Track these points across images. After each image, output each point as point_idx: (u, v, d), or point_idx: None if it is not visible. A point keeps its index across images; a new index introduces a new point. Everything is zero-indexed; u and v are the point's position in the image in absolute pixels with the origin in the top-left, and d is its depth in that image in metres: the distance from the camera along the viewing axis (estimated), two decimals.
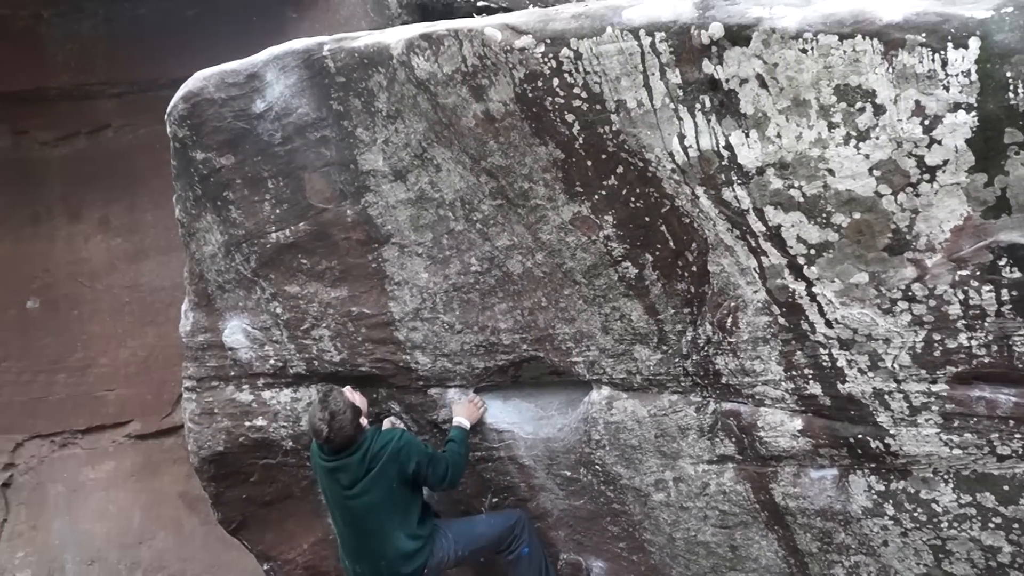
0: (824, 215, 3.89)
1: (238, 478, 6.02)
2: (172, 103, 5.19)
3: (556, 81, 4.18)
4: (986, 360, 3.90)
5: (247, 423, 5.81)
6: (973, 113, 3.48)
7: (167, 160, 5.35)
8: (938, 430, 4.13)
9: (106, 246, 8.58)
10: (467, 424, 5.30)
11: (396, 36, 4.67)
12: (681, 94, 3.98)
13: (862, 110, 3.65)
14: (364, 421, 5.18)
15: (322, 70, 4.84)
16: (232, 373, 5.77)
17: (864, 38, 3.56)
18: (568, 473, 5.25)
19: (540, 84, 4.22)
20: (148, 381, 8.49)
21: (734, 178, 4.00)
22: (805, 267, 4.04)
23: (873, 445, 4.32)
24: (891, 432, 4.24)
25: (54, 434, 8.68)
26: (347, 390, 5.20)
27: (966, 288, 3.78)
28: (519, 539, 5.36)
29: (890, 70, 3.56)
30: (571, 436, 5.16)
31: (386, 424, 5.63)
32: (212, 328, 5.72)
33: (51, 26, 7.95)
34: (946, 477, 4.26)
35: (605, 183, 4.41)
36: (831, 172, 3.80)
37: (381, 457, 5.07)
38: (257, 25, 7.18)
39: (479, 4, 6.83)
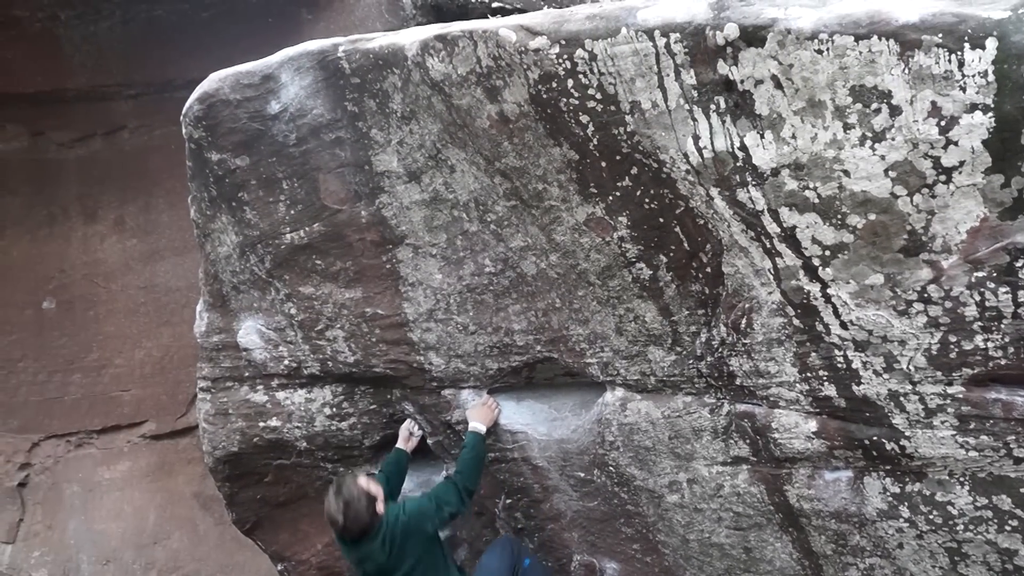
0: (839, 216, 3.87)
1: (252, 478, 6.03)
2: (188, 104, 5.21)
3: (571, 82, 4.18)
4: (1002, 362, 3.88)
5: (261, 424, 5.82)
6: (990, 114, 3.46)
7: (182, 161, 5.37)
8: (954, 432, 4.11)
9: (121, 247, 8.61)
10: (483, 429, 5.31)
11: (411, 37, 4.67)
12: (696, 95, 3.97)
13: (878, 111, 3.64)
14: (380, 507, 5.11)
15: (337, 71, 4.85)
16: (246, 374, 5.78)
17: (880, 39, 3.55)
18: (582, 474, 5.25)
19: (555, 85, 4.22)
20: (163, 381, 8.52)
21: (749, 179, 3.99)
22: (820, 268, 4.03)
23: (888, 447, 4.30)
24: (906, 434, 4.23)
25: (70, 434, 8.72)
26: (361, 479, 5.16)
27: (982, 290, 3.76)
28: (518, 554, 5.44)
29: (906, 71, 3.54)
30: (585, 437, 5.16)
31: (403, 430, 5.66)
32: (227, 329, 5.74)
33: (68, 28, 7.99)
34: (962, 479, 4.24)
35: (619, 184, 4.40)
36: (846, 173, 3.78)
37: (397, 536, 5.07)
38: (272, 26, 7.21)
39: (494, 5, 6.83)
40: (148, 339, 8.57)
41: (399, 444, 5.73)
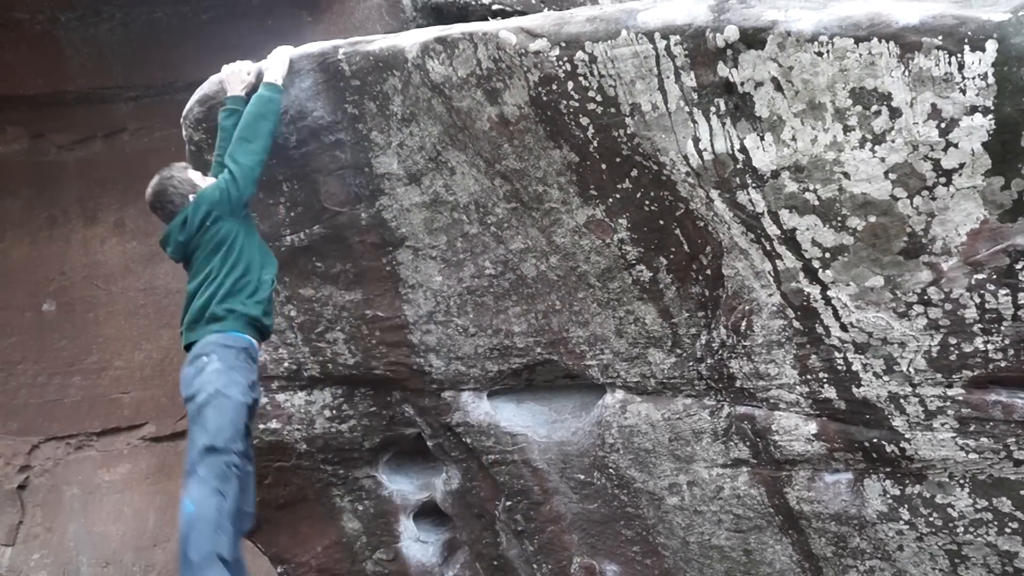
0: (839, 218, 3.88)
1: None
2: (188, 106, 5.21)
3: (571, 84, 4.18)
4: (1003, 364, 3.88)
5: (261, 426, 5.81)
6: (990, 116, 3.47)
7: (182, 160, 5.36)
8: (954, 434, 4.11)
9: (122, 249, 8.60)
10: (278, 79, 4.84)
11: (411, 39, 4.67)
12: (696, 97, 3.97)
13: (878, 113, 3.65)
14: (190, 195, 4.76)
15: (337, 73, 4.85)
16: None
17: (880, 41, 3.55)
18: (582, 476, 5.25)
19: (555, 87, 4.22)
20: (163, 384, 8.50)
21: (749, 181, 3.99)
22: (820, 270, 4.03)
23: (888, 449, 4.30)
24: (906, 436, 4.23)
25: (69, 436, 8.70)
26: (191, 172, 4.87)
27: (982, 292, 3.76)
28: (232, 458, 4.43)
29: (906, 73, 3.55)
30: (585, 439, 5.16)
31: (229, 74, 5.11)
32: None
33: (68, 30, 7.98)
34: (962, 482, 4.24)
35: (619, 186, 4.41)
36: (846, 175, 3.79)
37: (193, 217, 4.73)
38: (272, 29, 7.20)
39: (494, 7, 6.84)
40: (148, 341, 8.56)
41: (232, 91, 5.02)
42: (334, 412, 5.74)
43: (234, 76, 5.00)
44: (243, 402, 4.44)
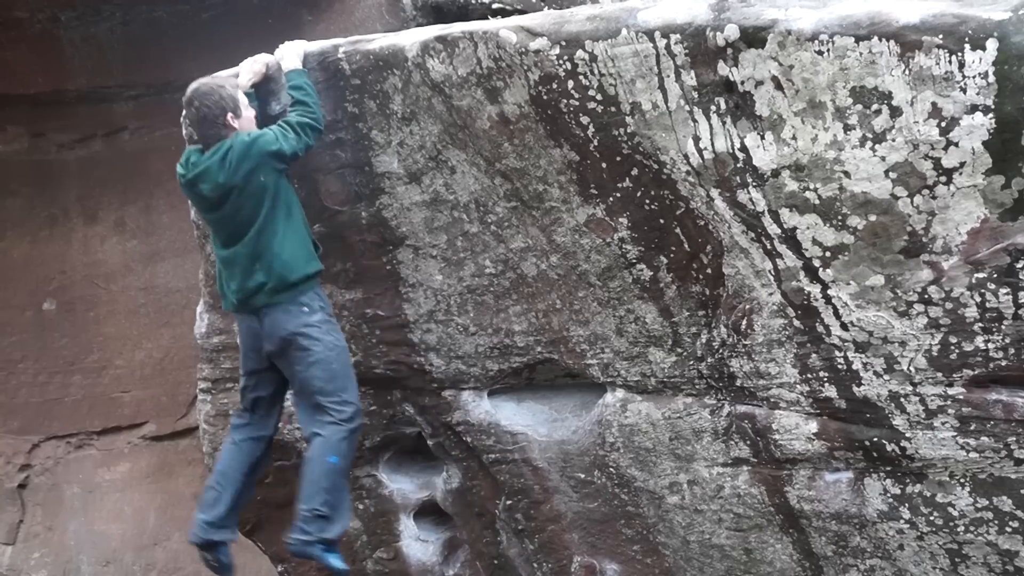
0: (840, 217, 3.88)
1: None
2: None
3: (571, 83, 4.18)
4: (1003, 363, 3.88)
5: None
6: (990, 115, 3.47)
7: None
8: (954, 433, 4.11)
9: (122, 248, 8.60)
10: (299, 63, 4.86)
11: (411, 38, 4.67)
12: (696, 96, 3.97)
13: (878, 112, 3.65)
14: (233, 121, 4.77)
15: (337, 72, 4.85)
16: None
17: (880, 40, 3.55)
18: (582, 475, 5.25)
19: (555, 86, 4.22)
20: (163, 383, 8.51)
21: (749, 180, 3.99)
22: (820, 269, 4.03)
23: (889, 448, 4.30)
24: (907, 435, 4.23)
25: (70, 435, 8.70)
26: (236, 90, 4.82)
27: (983, 291, 3.76)
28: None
29: (907, 72, 3.55)
30: (585, 438, 5.16)
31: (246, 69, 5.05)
32: (227, 330, 5.72)
33: (68, 29, 7.98)
34: (962, 481, 4.24)
35: (620, 185, 4.40)
36: (847, 174, 3.79)
37: (236, 157, 4.73)
38: (273, 28, 7.19)
39: (494, 6, 6.84)
40: (148, 340, 8.56)
41: (244, 81, 4.95)
42: None
43: (245, 67, 4.96)
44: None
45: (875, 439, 4.32)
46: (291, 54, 4.85)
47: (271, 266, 4.74)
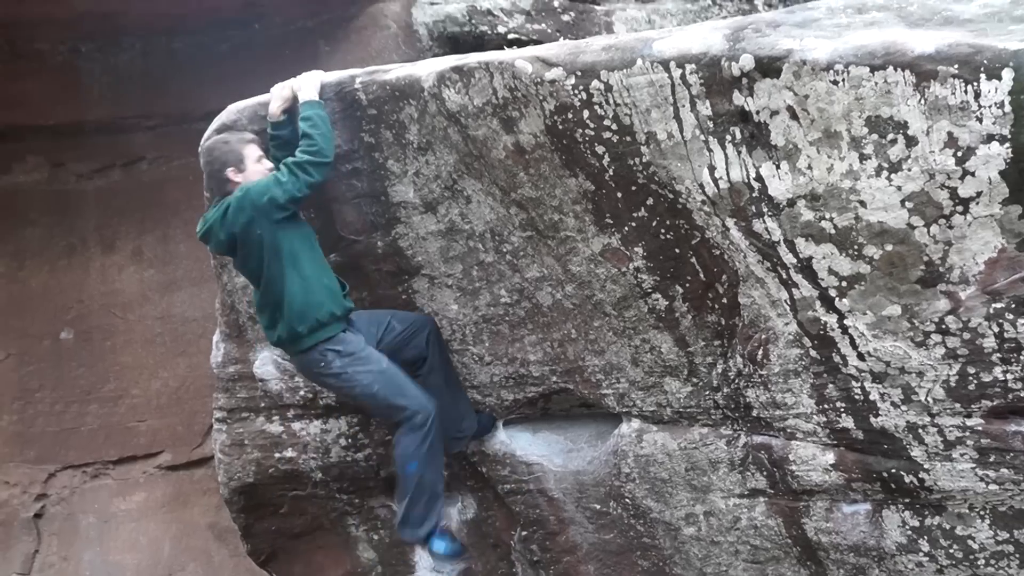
0: (856, 247, 3.86)
1: (267, 509, 6.02)
2: (206, 135, 5.24)
3: (586, 113, 4.19)
4: (1022, 394, 3.85)
5: (277, 454, 5.81)
6: (1007, 144, 3.46)
7: (200, 192, 5.39)
8: (973, 465, 4.08)
9: (139, 277, 8.65)
10: (315, 95, 4.81)
11: (427, 69, 4.69)
12: (711, 126, 3.98)
13: (894, 141, 3.64)
14: (236, 176, 4.82)
15: (354, 102, 4.88)
16: (262, 404, 5.78)
17: (896, 70, 3.55)
18: (598, 506, 5.22)
19: (570, 116, 4.23)
20: (179, 412, 8.53)
21: (765, 210, 3.99)
22: (837, 299, 4.02)
23: (907, 480, 4.27)
24: (925, 467, 4.19)
25: (86, 464, 8.72)
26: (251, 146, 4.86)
27: (1001, 321, 3.74)
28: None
29: (922, 101, 3.54)
30: (601, 469, 5.14)
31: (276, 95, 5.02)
32: (243, 359, 5.74)
33: (89, 60, 8.06)
34: (982, 513, 4.20)
35: (635, 215, 4.40)
36: (863, 204, 3.78)
37: (234, 209, 4.77)
38: (290, 58, 7.25)
39: (509, 37, 6.88)
40: (165, 369, 8.59)
41: (274, 108, 4.94)
42: (350, 441, 5.74)
43: (275, 93, 4.96)
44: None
45: (893, 470, 4.29)
46: (308, 85, 4.85)
47: (286, 316, 4.81)
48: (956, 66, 3.46)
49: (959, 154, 3.54)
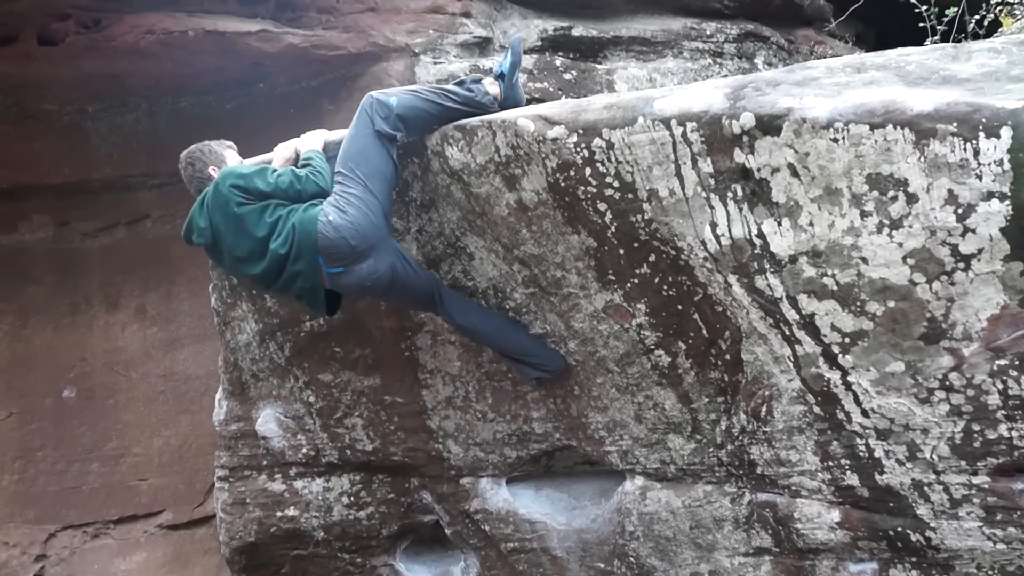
0: (858, 303, 3.87)
1: (269, 569, 5.97)
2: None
3: (588, 170, 4.22)
4: None
5: (279, 513, 5.78)
6: (1007, 202, 3.47)
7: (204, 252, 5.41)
8: (980, 524, 4.04)
9: (142, 335, 8.64)
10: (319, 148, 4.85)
11: None
12: (713, 183, 4.00)
13: (894, 199, 3.65)
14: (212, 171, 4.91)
15: None
16: (265, 462, 5.76)
17: (895, 127, 3.57)
18: (602, 565, 5.18)
19: (572, 173, 4.26)
20: (181, 470, 8.48)
21: (767, 266, 4.00)
22: (840, 356, 4.01)
23: (913, 538, 4.23)
24: (932, 525, 4.16)
25: (86, 524, 8.65)
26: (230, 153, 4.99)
27: (1005, 378, 3.73)
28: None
29: (922, 159, 3.57)
30: (604, 527, 5.10)
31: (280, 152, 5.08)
32: (245, 417, 5.73)
33: (95, 120, 8.12)
34: (990, 573, 4.16)
35: (637, 271, 4.42)
36: (864, 260, 3.78)
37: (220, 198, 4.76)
38: (294, 117, 7.31)
39: None
40: (167, 427, 8.55)
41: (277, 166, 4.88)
42: (352, 499, 5.71)
43: (278, 152, 4.99)
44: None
45: (899, 528, 4.25)
46: (311, 143, 4.89)
47: (291, 233, 4.53)
48: (955, 124, 3.48)
49: (960, 211, 3.55)
